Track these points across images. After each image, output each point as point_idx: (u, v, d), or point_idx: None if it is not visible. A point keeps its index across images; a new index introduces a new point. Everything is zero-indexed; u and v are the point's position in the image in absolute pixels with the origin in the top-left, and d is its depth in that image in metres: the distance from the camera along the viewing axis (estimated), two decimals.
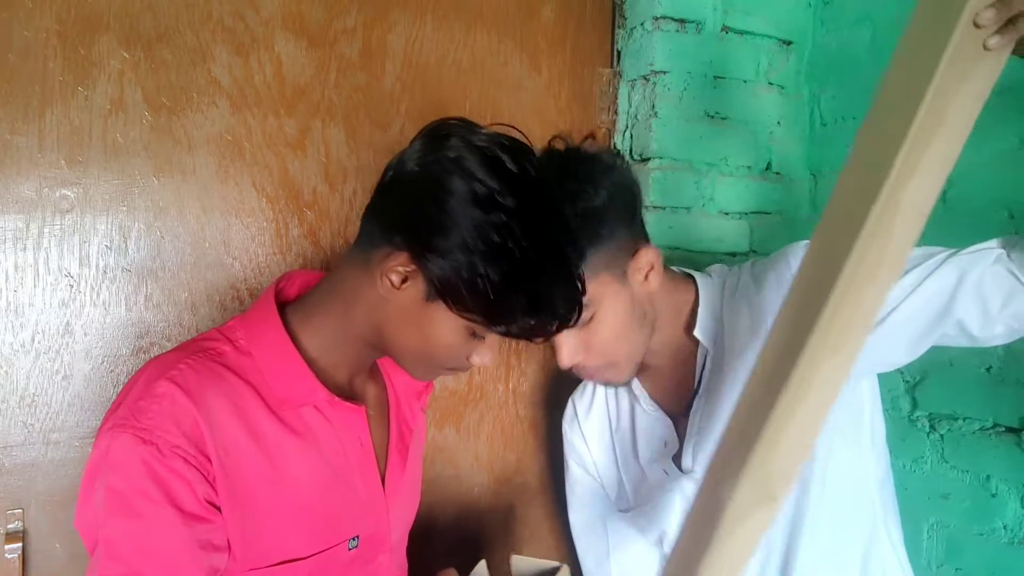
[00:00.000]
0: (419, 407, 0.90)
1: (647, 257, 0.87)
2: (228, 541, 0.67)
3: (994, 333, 0.76)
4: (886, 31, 1.24)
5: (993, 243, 0.77)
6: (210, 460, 0.65)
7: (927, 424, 1.16)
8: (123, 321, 1.00)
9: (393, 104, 1.16)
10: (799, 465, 0.54)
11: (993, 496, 1.07)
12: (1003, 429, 1.07)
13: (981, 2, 0.50)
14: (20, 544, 0.94)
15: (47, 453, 0.96)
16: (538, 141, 1.28)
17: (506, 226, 0.64)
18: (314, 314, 0.76)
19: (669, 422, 0.95)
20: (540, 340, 0.73)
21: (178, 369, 0.67)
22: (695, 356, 0.92)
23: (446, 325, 0.69)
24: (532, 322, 0.68)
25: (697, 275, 0.95)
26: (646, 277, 0.87)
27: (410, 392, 0.89)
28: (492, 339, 0.73)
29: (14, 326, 0.94)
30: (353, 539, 0.74)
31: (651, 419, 0.96)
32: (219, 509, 0.66)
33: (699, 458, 0.90)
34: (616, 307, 0.85)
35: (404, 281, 0.68)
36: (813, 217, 1.39)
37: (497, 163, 0.66)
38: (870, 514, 0.89)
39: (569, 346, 0.86)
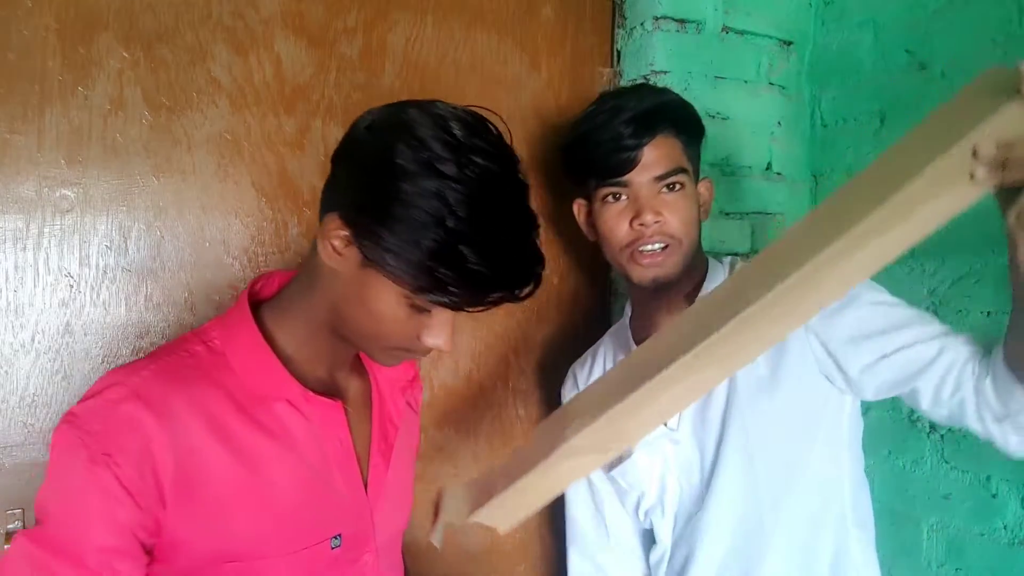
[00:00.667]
0: (404, 402, 0.88)
1: (707, 185, 1.02)
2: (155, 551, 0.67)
3: (940, 415, 0.84)
4: (887, 31, 1.24)
5: (975, 345, 0.82)
6: (154, 468, 0.65)
7: (927, 424, 1.16)
8: (123, 321, 1.00)
9: None
10: (644, 434, 0.61)
11: (993, 496, 1.07)
12: None
13: (989, 136, 0.53)
14: None
15: (47, 453, 0.95)
16: (538, 141, 1.29)
17: (438, 194, 0.62)
18: (287, 309, 0.76)
19: None
20: (481, 309, 0.68)
21: (140, 376, 0.67)
22: None
23: (384, 294, 0.67)
24: (463, 293, 0.65)
25: (709, 257, 1.04)
26: (703, 202, 1.00)
27: (394, 388, 0.88)
28: (442, 317, 0.69)
29: (14, 326, 0.94)
30: (335, 537, 0.74)
31: None
32: (144, 544, 0.66)
33: (682, 421, 0.97)
34: (692, 194, 0.97)
35: (345, 247, 0.67)
36: None
37: (447, 131, 0.64)
38: (839, 516, 0.93)
39: (655, 204, 0.93)
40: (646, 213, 0.92)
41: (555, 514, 1.30)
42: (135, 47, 0.98)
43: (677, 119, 0.96)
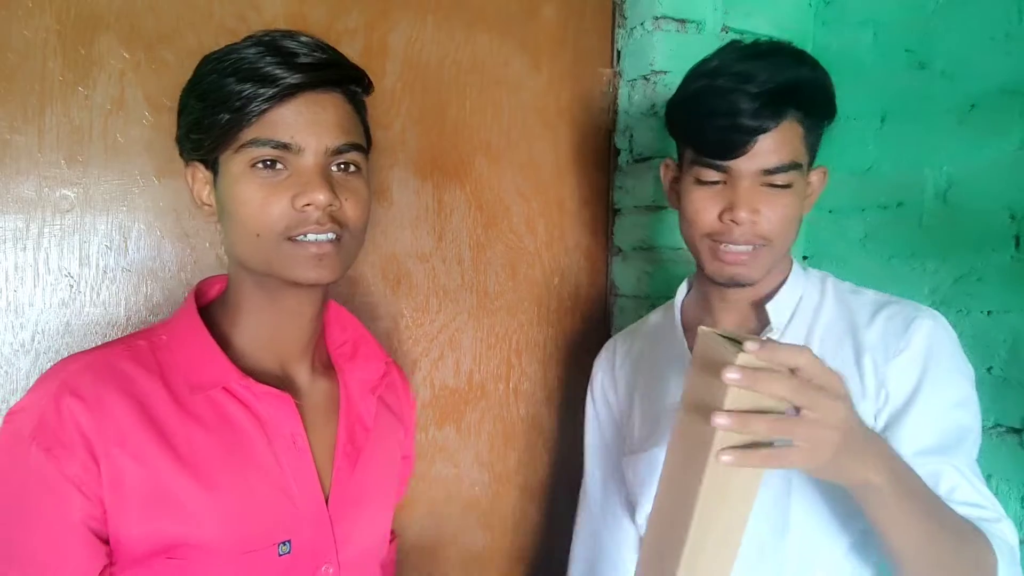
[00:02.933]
0: (376, 402, 0.84)
1: (820, 173, 0.88)
2: (110, 534, 0.67)
3: None
4: (887, 31, 1.24)
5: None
6: (93, 457, 0.65)
7: None
8: (123, 321, 1.00)
9: (394, 104, 1.16)
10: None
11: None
12: (1004, 429, 1.06)
13: (726, 441, 0.58)
14: None
15: None
16: (538, 141, 1.29)
17: (199, 72, 0.72)
18: (227, 300, 0.78)
19: None
20: (280, 98, 0.69)
21: (69, 370, 0.68)
22: (754, 329, 0.90)
23: (232, 183, 0.70)
24: (255, 86, 0.68)
25: (794, 261, 0.93)
26: (811, 193, 0.87)
27: (364, 389, 0.83)
28: (301, 168, 0.69)
29: (14, 326, 0.94)
30: (284, 544, 0.71)
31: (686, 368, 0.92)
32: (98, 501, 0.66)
33: None
34: (800, 191, 0.83)
35: (204, 186, 0.74)
36: (814, 217, 1.39)
37: (236, 43, 0.71)
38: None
39: (753, 201, 0.80)
40: (740, 209, 0.79)
41: (554, 515, 1.30)
42: (136, 48, 0.98)
43: (811, 101, 0.80)
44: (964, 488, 0.75)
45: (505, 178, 1.26)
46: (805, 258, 1.40)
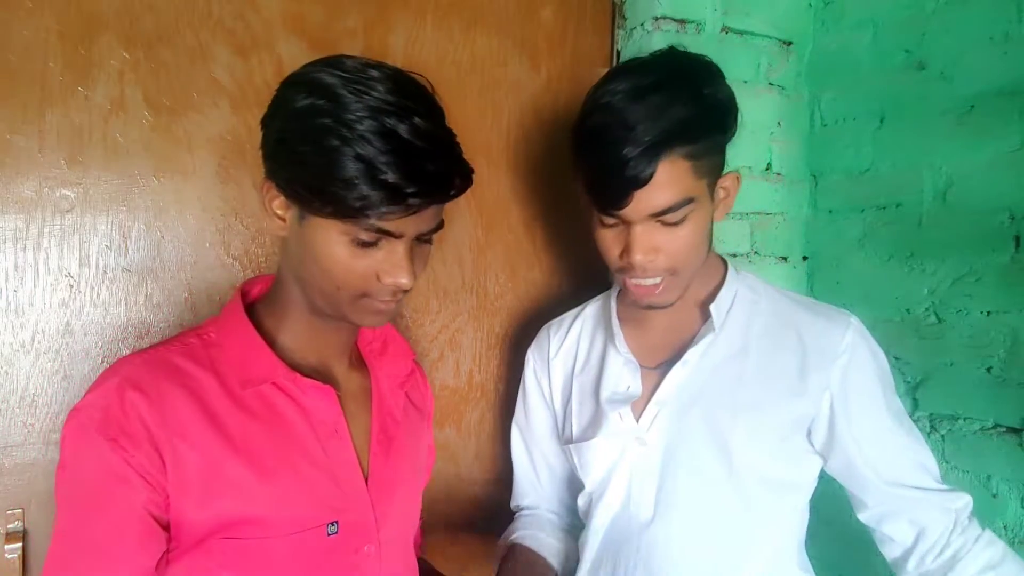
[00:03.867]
0: (404, 397, 0.89)
1: (732, 179, 0.90)
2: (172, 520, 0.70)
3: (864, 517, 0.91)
4: (886, 31, 1.24)
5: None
6: (156, 447, 0.68)
7: (928, 425, 1.16)
8: (123, 321, 1.00)
9: None
10: None
11: (994, 496, 1.07)
12: (1004, 429, 1.07)
13: None
14: (20, 544, 0.94)
15: (47, 453, 0.96)
16: (537, 142, 1.29)
17: (318, 109, 0.66)
18: (273, 301, 0.81)
19: (637, 368, 0.95)
20: (406, 213, 0.67)
21: (132, 365, 0.72)
22: (691, 325, 0.94)
23: (326, 237, 0.69)
24: (380, 195, 0.65)
25: (729, 261, 0.98)
26: (724, 200, 0.89)
27: (393, 384, 0.88)
28: (392, 249, 0.70)
29: (14, 326, 0.94)
30: (332, 524, 0.75)
31: (621, 361, 0.96)
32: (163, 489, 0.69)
33: (656, 424, 0.91)
34: (702, 215, 0.84)
35: (285, 210, 0.72)
36: (813, 217, 1.39)
37: (340, 68, 0.68)
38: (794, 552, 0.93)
39: (648, 242, 0.82)
40: (636, 252, 0.82)
41: None
42: (136, 48, 0.98)
43: (694, 137, 0.80)
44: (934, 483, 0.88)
45: (505, 179, 1.26)
46: (805, 259, 1.40)
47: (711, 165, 0.84)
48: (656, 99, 0.79)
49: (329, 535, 0.75)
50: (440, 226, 0.75)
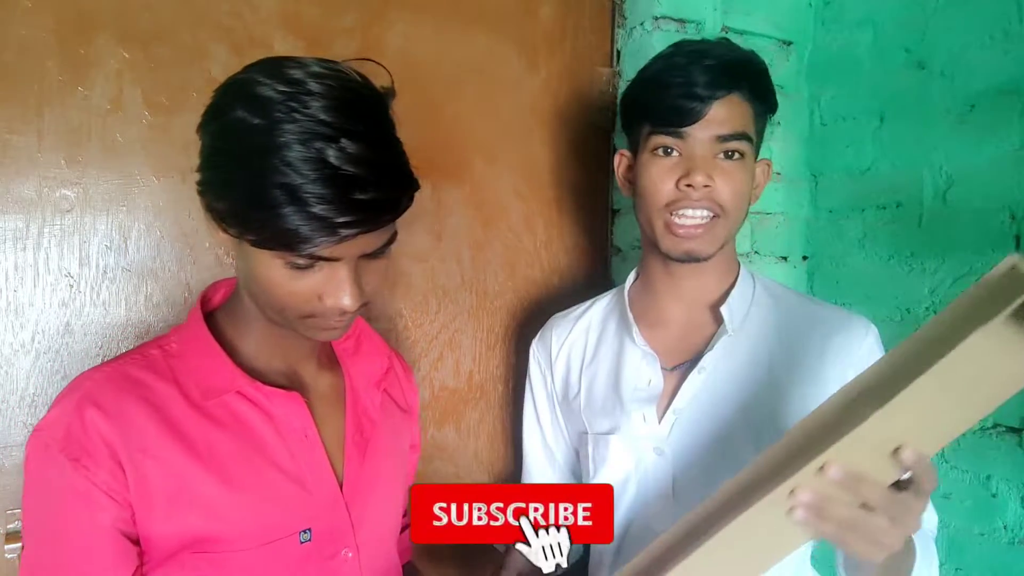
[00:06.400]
0: (381, 396, 0.86)
1: (764, 165, 0.94)
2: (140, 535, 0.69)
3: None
4: (886, 31, 1.24)
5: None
6: (119, 463, 0.67)
7: None
8: (123, 321, 1.00)
9: (391, 104, 1.15)
10: None
11: (994, 496, 1.07)
12: (1004, 429, 1.07)
13: (803, 483, 0.57)
14: (20, 544, 0.94)
15: None
16: (537, 141, 1.29)
17: (249, 127, 0.60)
18: (232, 309, 0.78)
19: (656, 360, 0.92)
20: (341, 239, 0.61)
21: (92, 380, 0.70)
22: (706, 326, 0.92)
23: (257, 257, 0.65)
24: (309, 227, 0.59)
25: (741, 264, 0.97)
26: (758, 185, 0.92)
27: (369, 383, 0.85)
28: (332, 272, 0.65)
29: (14, 326, 0.94)
30: (304, 532, 0.74)
31: (639, 354, 0.93)
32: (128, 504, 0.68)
33: (672, 434, 0.89)
34: (749, 168, 0.88)
35: (221, 232, 0.67)
36: (813, 217, 1.39)
37: (277, 74, 0.61)
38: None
39: (707, 167, 0.84)
40: (697, 174, 0.83)
41: None
42: (133, 47, 0.98)
43: (758, 84, 0.87)
44: None
45: (503, 178, 1.26)
46: (805, 258, 1.40)
47: (759, 128, 0.89)
48: (731, 44, 0.89)
49: (302, 543, 0.73)
50: (392, 240, 0.69)
